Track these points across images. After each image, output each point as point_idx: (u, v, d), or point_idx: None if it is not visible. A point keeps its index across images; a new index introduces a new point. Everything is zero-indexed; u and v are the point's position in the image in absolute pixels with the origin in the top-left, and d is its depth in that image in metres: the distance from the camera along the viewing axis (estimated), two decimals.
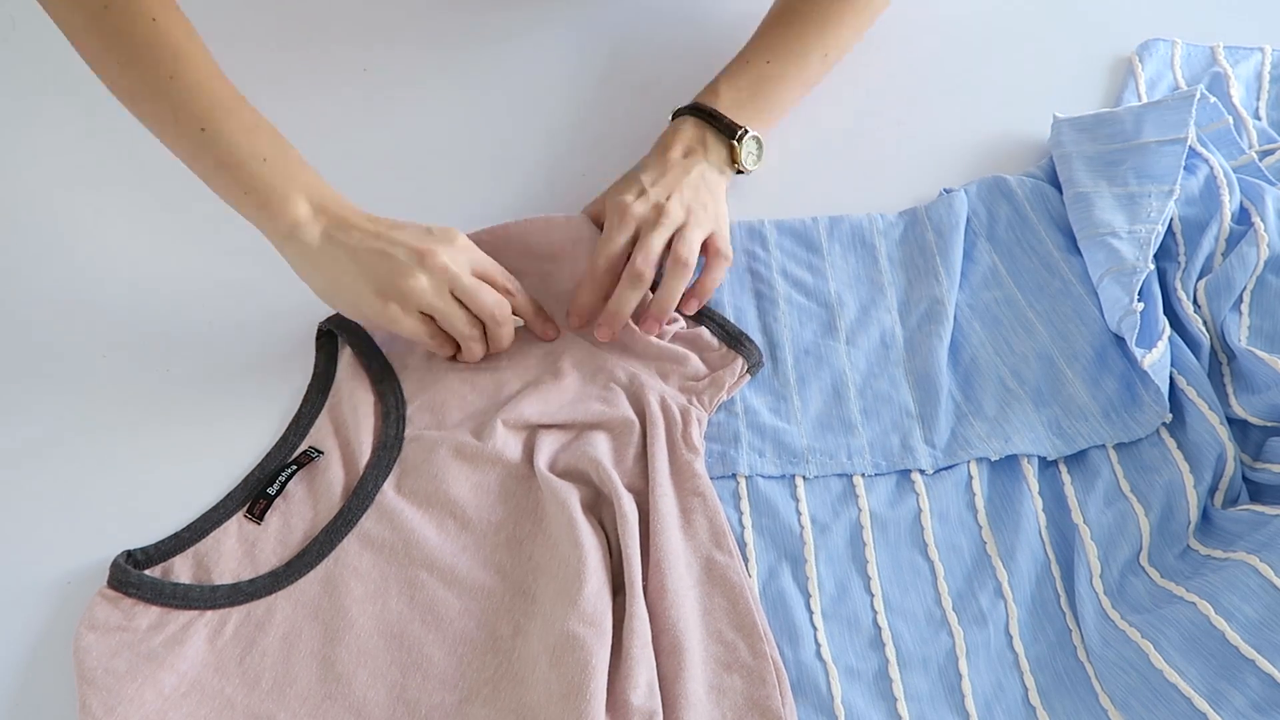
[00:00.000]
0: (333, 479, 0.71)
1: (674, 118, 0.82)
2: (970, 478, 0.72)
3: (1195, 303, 0.75)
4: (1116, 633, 0.64)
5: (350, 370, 0.76)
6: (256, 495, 0.70)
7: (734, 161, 0.81)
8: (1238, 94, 0.89)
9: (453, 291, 0.71)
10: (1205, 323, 0.75)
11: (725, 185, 0.80)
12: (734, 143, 0.80)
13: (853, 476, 0.72)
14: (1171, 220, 0.78)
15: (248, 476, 0.72)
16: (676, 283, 0.74)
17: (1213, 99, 0.82)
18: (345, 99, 0.91)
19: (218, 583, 0.67)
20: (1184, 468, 0.69)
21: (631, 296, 0.74)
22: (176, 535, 0.69)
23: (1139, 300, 0.73)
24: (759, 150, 0.82)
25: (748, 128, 0.80)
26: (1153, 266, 0.75)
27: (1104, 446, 0.72)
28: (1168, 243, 0.78)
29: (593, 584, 0.64)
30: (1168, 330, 0.73)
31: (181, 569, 0.68)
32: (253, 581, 0.67)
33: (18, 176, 0.87)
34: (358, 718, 0.63)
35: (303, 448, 0.73)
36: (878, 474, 0.72)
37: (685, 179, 0.77)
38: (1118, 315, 0.73)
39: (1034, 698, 0.65)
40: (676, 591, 0.64)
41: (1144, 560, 0.67)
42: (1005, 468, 0.72)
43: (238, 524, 0.70)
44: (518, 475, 0.71)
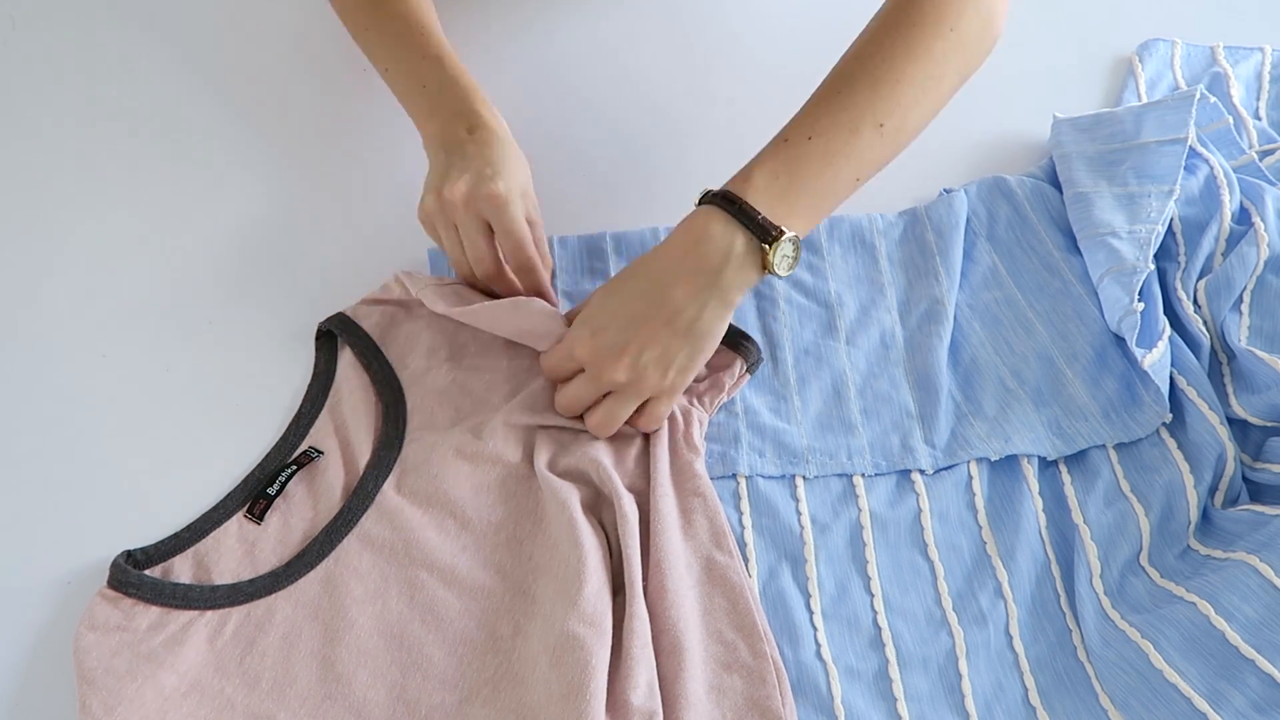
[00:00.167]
0: (333, 479, 0.71)
1: (701, 201, 0.70)
2: (970, 478, 0.72)
3: (1195, 303, 0.75)
4: (1116, 633, 0.64)
5: (350, 370, 0.76)
6: (256, 495, 0.70)
7: (764, 268, 0.69)
8: (1238, 94, 0.89)
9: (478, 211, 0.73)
10: (1205, 323, 0.75)
11: (729, 316, 0.70)
12: (765, 248, 0.68)
13: (853, 476, 0.72)
14: (1171, 220, 0.78)
15: (248, 476, 0.72)
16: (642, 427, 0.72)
17: (1213, 99, 0.82)
18: (345, 99, 0.91)
19: (218, 583, 0.67)
20: (1184, 468, 0.69)
21: (605, 433, 0.72)
22: (176, 535, 0.69)
23: (1139, 300, 0.73)
24: (795, 253, 0.69)
25: (784, 228, 0.68)
26: (1153, 266, 0.75)
27: (1104, 446, 0.72)
28: (1168, 243, 0.78)
29: (593, 584, 0.64)
30: (1168, 330, 0.73)
31: (181, 569, 0.68)
32: (253, 581, 0.67)
33: (17, 176, 0.87)
34: (358, 718, 0.63)
35: (303, 448, 0.73)
36: (878, 474, 0.72)
37: (668, 329, 0.68)
38: (1118, 315, 0.73)
39: (1034, 698, 0.65)
40: (677, 591, 0.64)
41: (1144, 560, 0.67)
42: (1005, 468, 0.72)
43: (238, 524, 0.70)
44: (518, 475, 0.71)
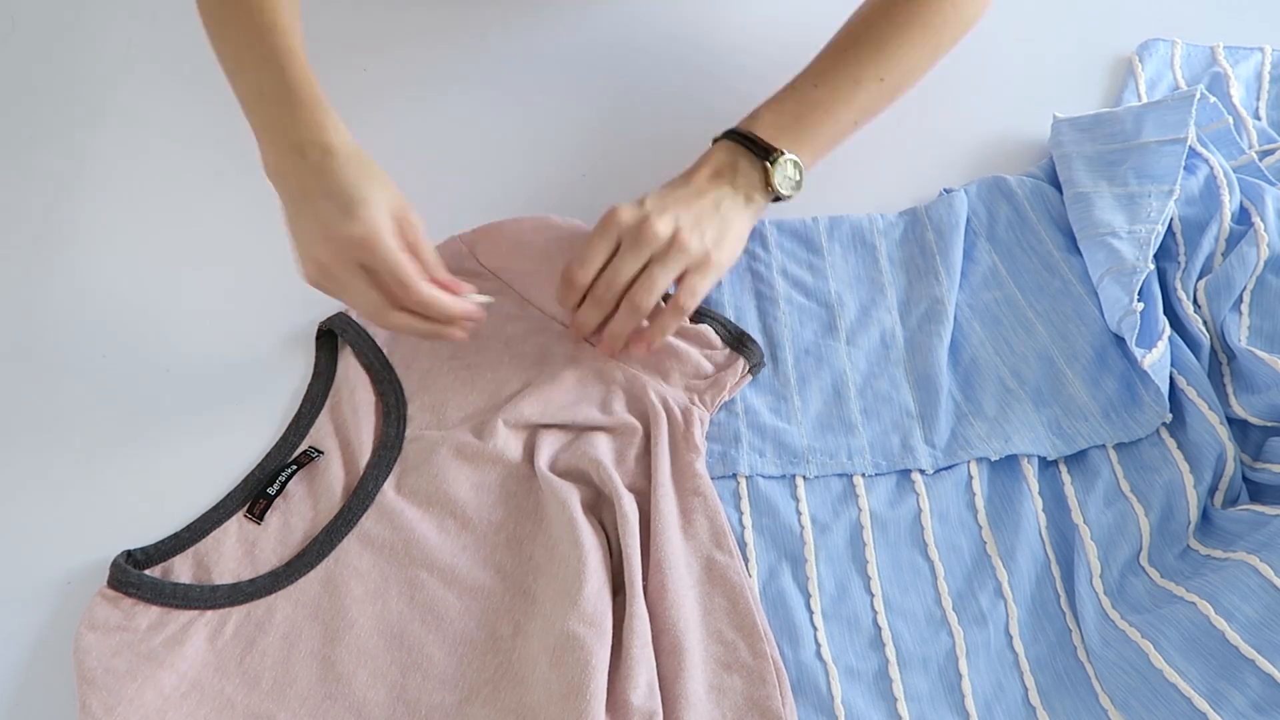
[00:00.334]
0: (333, 479, 0.71)
1: (713, 143, 0.78)
2: (970, 478, 0.72)
3: (1195, 303, 0.75)
4: (1116, 633, 0.64)
5: (351, 370, 0.76)
6: (256, 495, 0.70)
7: (768, 186, 0.75)
8: (1238, 94, 0.89)
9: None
10: (1205, 323, 0.75)
11: (751, 215, 0.76)
12: (768, 165, 0.75)
13: (853, 476, 0.72)
14: (1171, 220, 0.78)
15: (248, 476, 0.72)
16: (670, 324, 0.73)
17: (1213, 99, 0.82)
18: (345, 99, 0.91)
19: (218, 583, 0.67)
20: (1184, 468, 0.69)
21: (629, 322, 0.72)
22: (176, 535, 0.69)
23: (1139, 300, 0.73)
24: (798, 174, 0.76)
25: (784, 150, 0.75)
26: (1153, 266, 0.75)
27: (1104, 446, 0.72)
28: (1168, 243, 0.78)
29: (593, 584, 0.64)
30: (1168, 330, 0.73)
31: (181, 569, 0.68)
32: (253, 581, 0.67)
33: (17, 177, 0.87)
34: (358, 718, 0.63)
35: (303, 447, 0.73)
36: (878, 474, 0.72)
37: (697, 202, 0.73)
38: (1118, 315, 0.73)
39: (1034, 698, 0.65)
40: (677, 591, 0.64)
41: (1144, 560, 0.67)
42: (1005, 468, 0.72)
43: (238, 524, 0.70)
44: (518, 475, 0.71)
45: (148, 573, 0.67)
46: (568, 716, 0.59)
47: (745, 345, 0.75)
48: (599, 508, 0.69)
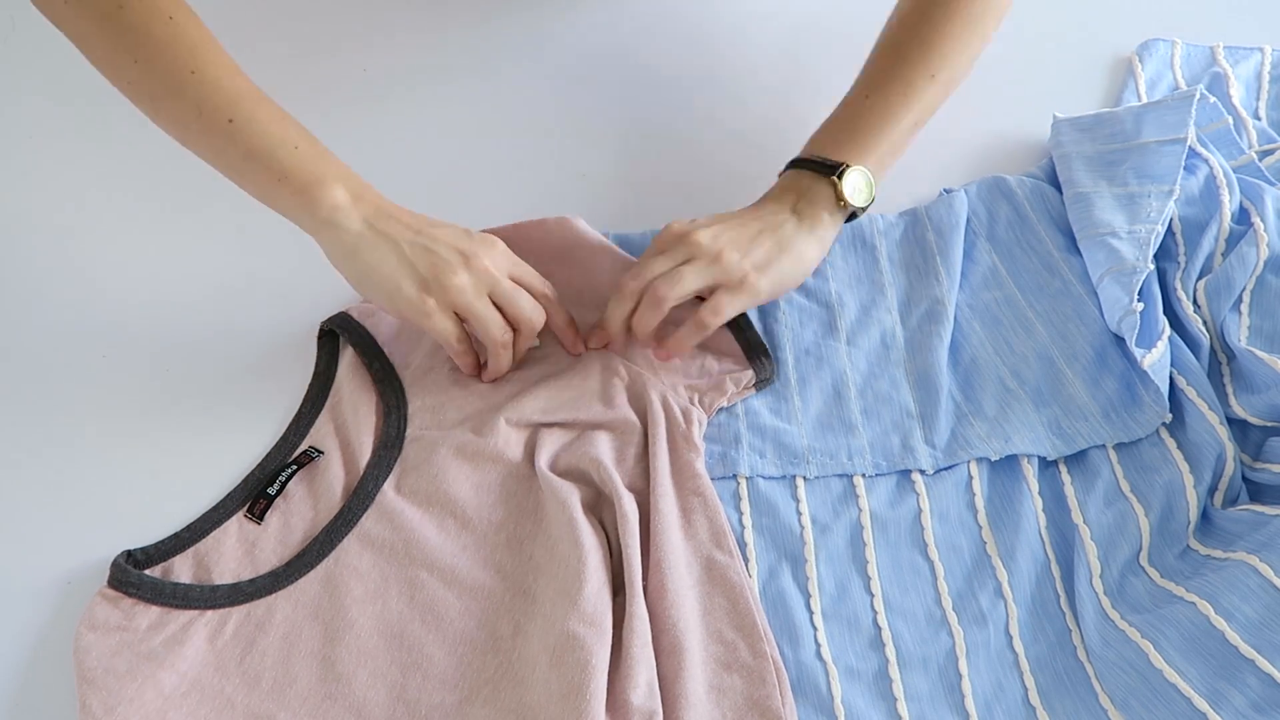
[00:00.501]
0: (333, 479, 0.71)
1: (779, 176, 0.78)
2: (970, 478, 0.72)
3: (1195, 303, 0.75)
4: (1116, 633, 0.64)
5: (351, 370, 0.76)
6: (256, 495, 0.70)
7: (840, 201, 0.74)
8: (1238, 94, 0.89)
9: (491, 295, 0.70)
10: (1205, 323, 0.75)
11: (820, 239, 0.75)
12: (835, 180, 0.74)
13: (853, 477, 0.72)
14: (1171, 220, 0.78)
15: (248, 476, 0.72)
16: (689, 339, 0.73)
17: (1212, 99, 0.82)
18: (345, 99, 0.91)
19: (218, 582, 0.67)
20: (1184, 468, 0.69)
21: (650, 316, 0.72)
22: (176, 535, 0.69)
23: (1139, 300, 0.73)
24: (868, 185, 0.75)
25: (848, 162, 0.74)
26: (1153, 266, 0.75)
27: (1104, 446, 0.72)
28: (1168, 243, 0.78)
29: (593, 584, 0.64)
30: (1168, 330, 0.73)
31: (181, 569, 0.68)
32: (253, 581, 0.67)
33: (17, 177, 0.87)
34: (358, 718, 0.63)
35: (303, 447, 0.73)
36: (878, 474, 0.72)
37: (752, 224, 0.73)
38: (1118, 315, 0.73)
39: (1034, 698, 0.65)
40: (677, 591, 0.64)
41: (1144, 560, 0.67)
42: (1005, 468, 0.72)
43: (238, 524, 0.70)
44: (518, 475, 0.71)
45: (148, 573, 0.67)
46: (568, 716, 0.59)
47: (760, 358, 0.75)
48: (599, 508, 0.69)
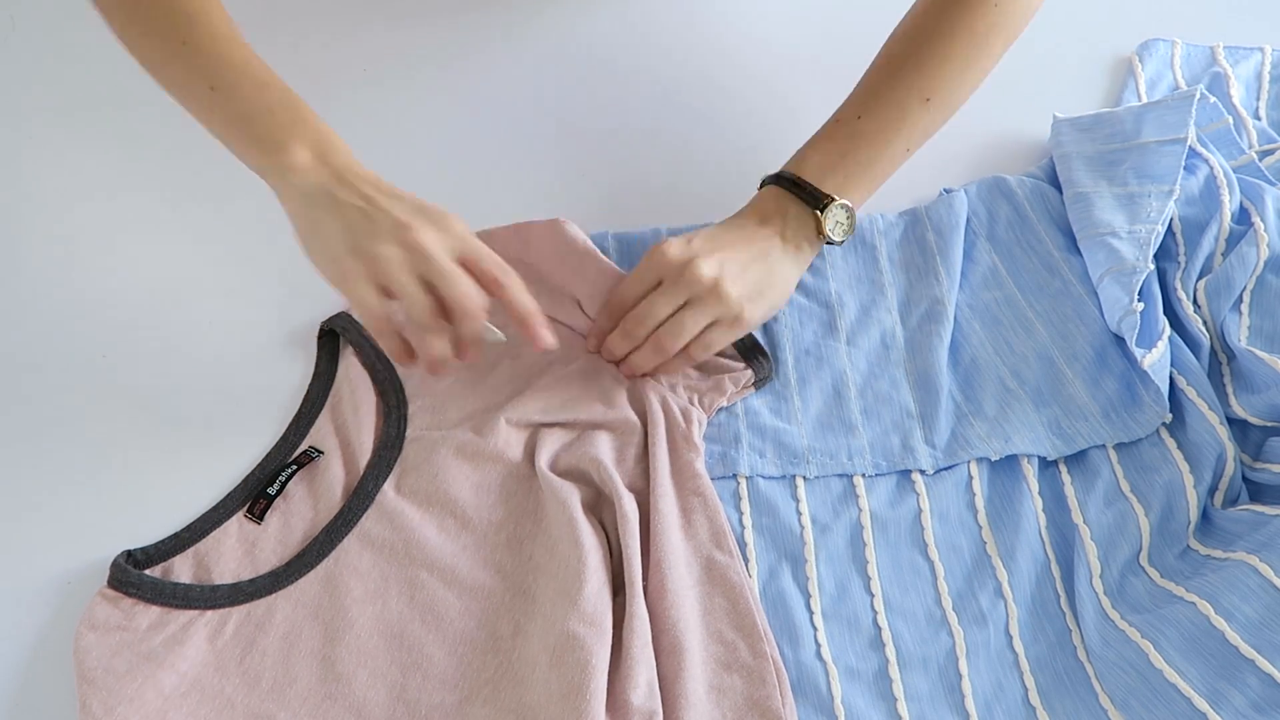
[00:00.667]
0: (333, 479, 0.71)
1: (761, 186, 0.75)
2: (970, 478, 0.72)
3: (1195, 303, 0.75)
4: (1116, 633, 0.64)
5: (352, 370, 0.76)
6: (256, 495, 0.70)
7: (820, 233, 0.73)
8: (1238, 94, 0.89)
9: (424, 276, 0.65)
10: (1205, 323, 0.75)
11: (800, 265, 0.75)
12: (818, 214, 0.72)
13: (853, 477, 0.72)
14: (1171, 220, 0.78)
15: (248, 476, 0.72)
16: (679, 368, 0.74)
17: (1213, 99, 0.82)
18: (345, 98, 0.91)
19: (218, 582, 0.67)
20: (1184, 468, 0.69)
21: (652, 360, 0.73)
22: (176, 535, 0.69)
23: (1139, 300, 0.73)
24: (849, 220, 0.73)
25: (835, 196, 0.72)
26: (1153, 266, 0.75)
27: (1104, 446, 0.72)
28: (1168, 243, 0.78)
29: (593, 584, 0.64)
30: (1168, 330, 0.73)
31: (181, 569, 0.68)
32: (253, 581, 0.67)
33: (17, 177, 0.87)
34: (358, 718, 0.63)
35: (303, 447, 0.73)
36: (878, 474, 0.72)
37: (746, 249, 0.72)
38: (1118, 315, 0.73)
39: (1034, 698, 0.65)
40: (677, 591, 0.64)
41: (1144, 560, 0.67)
42: (1005, 468, 0.72)
43: (238, 524, 0.70)
44: (519, 475, 0.71)
45: (148, 573, 0.67)
46: (568, 716, 0.59)
47: (756, 357, 0.75)
48: (599, 508, 0.69)
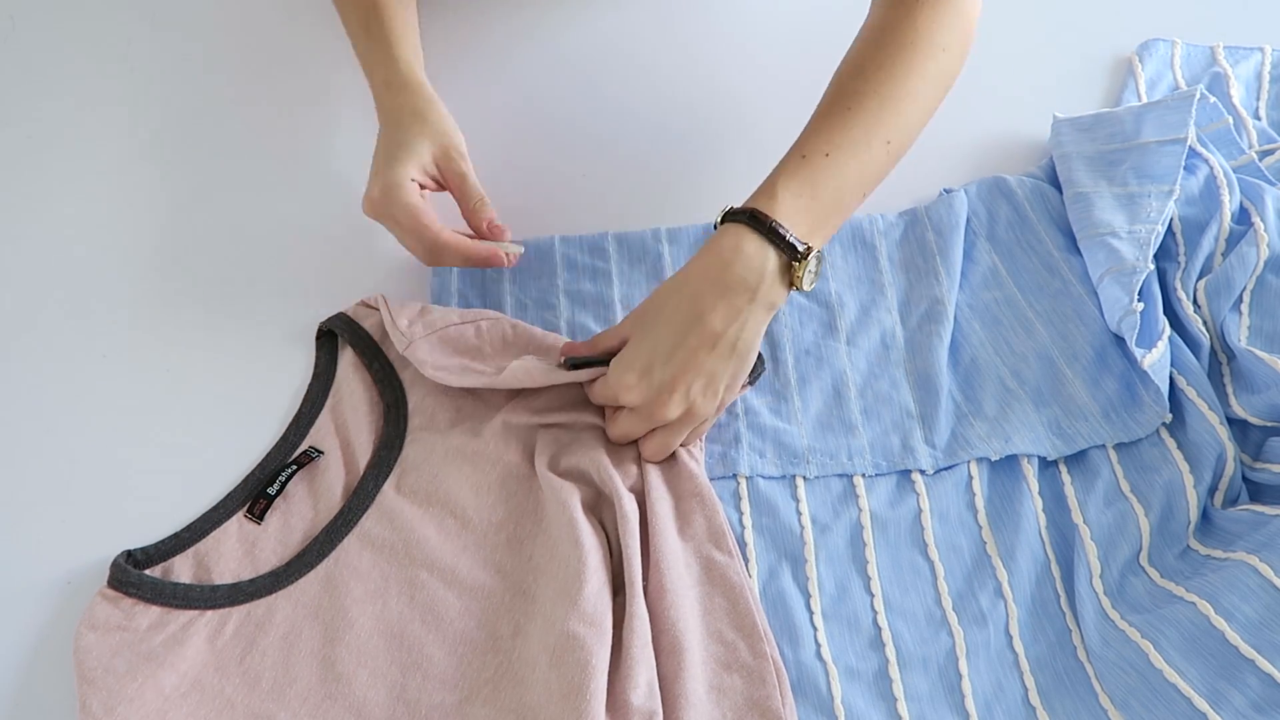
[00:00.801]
0: (333, 479, 0.71)
1: (724, 219, 0.70)
2: (970, 478, 0.72)
3: (1195, 303, 0.75)
4: (1116, 633, 0.64)
5: (351, 370, 0.76)
6: (256, 495, 0.70)
7: (791, 284, 0.69)
8: (1238, 94, 0.89)
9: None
10: (1205, 323, 0.75)
11: (769, 318, 0.70)
12: (794, 264, 0.68)
13: (853, 477, 0.72)
14: (1171, 220, 0.78)
15: (248, 476, 0.72)
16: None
17: (1213, 99, 0.82)
18: (350, 99, 0.91)
19: (218, 582, 0.67)
20: (1184, 468, 0.69)
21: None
22: (176, 535, 0.69)
23: (1139, 300, 0.73)
24: (818, 269, 0.70)
25: (811, 245, 0.69)
26: (1153, 266, 0.75)
27: (1104, 446, 0.72)
28: (1168, 243, 0.78)
29: (593, 584, 0.64)
30: (1168, 330, 0.73)
31: (182, 569, 0.68)
32: (253, 581, 0.67)
33: (17, 176, 0.87)
34: (358, 718, 0.63)
35: (303, 447, 0.73)
36: (878, 474, 0.72)
37: (711, 356, 0.68)
38: (1118, 315, 0.73)
39: (1034, 698, 0.65)
40: (676, 591, 0.64)
41: (1144, 560, 0.67)
42: (1005, 468, 0.72)
43: (238, 524, 0.70)
44: (518, 475, 0.71)
45: (148, 573, 0.67)
46: (568, 716, 0.59)
47: None
48: (599, 508, 0.69)
